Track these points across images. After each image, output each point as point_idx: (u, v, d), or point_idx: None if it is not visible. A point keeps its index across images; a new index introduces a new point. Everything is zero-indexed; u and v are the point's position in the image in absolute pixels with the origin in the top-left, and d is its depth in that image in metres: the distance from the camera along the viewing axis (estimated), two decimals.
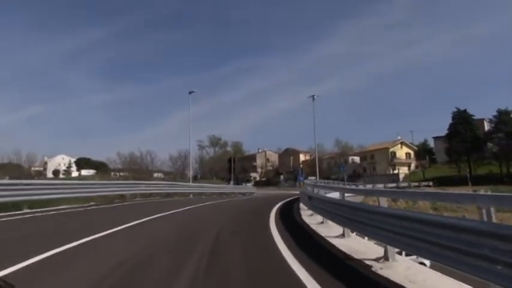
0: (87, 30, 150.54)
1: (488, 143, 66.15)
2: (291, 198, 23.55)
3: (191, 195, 32.03)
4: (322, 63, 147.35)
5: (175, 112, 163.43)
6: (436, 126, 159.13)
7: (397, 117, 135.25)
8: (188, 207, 16.46)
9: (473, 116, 67.64)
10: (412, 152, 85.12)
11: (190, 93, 36.29)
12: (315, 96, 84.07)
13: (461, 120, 67.15)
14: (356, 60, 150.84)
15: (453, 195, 5.39)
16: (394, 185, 54.53)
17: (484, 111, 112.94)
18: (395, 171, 78.20)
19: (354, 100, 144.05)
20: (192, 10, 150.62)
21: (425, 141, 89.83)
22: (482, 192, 4.01)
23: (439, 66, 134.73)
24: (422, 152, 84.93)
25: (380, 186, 43.46)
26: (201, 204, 18.93)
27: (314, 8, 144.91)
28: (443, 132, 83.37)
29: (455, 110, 69.44)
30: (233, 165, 41.84)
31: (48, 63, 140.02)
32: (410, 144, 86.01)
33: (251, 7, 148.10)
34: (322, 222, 10.85)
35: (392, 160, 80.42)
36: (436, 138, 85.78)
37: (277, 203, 19.93)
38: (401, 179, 77.15)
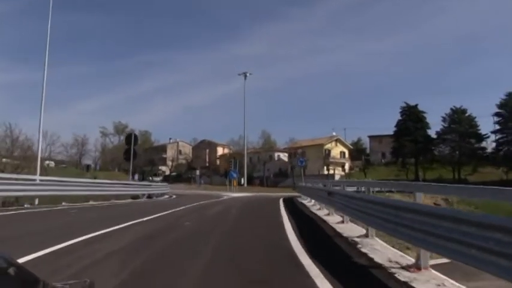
0: None
1: (441, 145, 56.82)
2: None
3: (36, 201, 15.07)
4: (238, 62, 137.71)
5: (83, 99, 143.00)
6: (369, 125, 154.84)
7: (326, 116, 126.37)
8: None
9: (424, 112, 58.01)
10: (346, 151, 74.30)
11: None
12: (248, 74, 69.99)
13: (412, 117, 57.06)
14: (272, 61, 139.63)
15: None
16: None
17: None
18: (331, 171, 66.45)
19: (272, 100, 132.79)
20: None
21: (359, 140, 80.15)
22: None
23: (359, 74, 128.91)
24: (356, 152, 74.84)
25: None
26: None
27: (233, 7, 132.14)
28: (377, 131, 74.82)
29: (404, 105, 59.33)
30: (133, 147, 24.24)
31: None
32: (345, 142, 75.12)
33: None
34: None
35: (327, 158, 68.59)
36: (371, 138, 76.29)
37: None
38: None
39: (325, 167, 68.26)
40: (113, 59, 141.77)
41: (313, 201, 18.60)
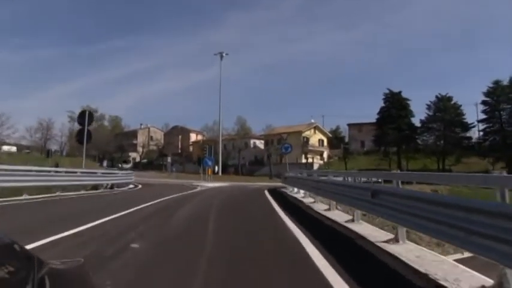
0: None
1: (425, 134, 54.01)
2: None
3: None
4: (212, 49, 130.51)
5: (50, 84, 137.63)
6: (348, 113, 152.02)
7: (303, 103, 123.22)
8: None
9: (408, 99, 55.00)
10: (325, 139, 71.00)
11: None
12: (224, 54, 65.09)
13: (396, 104, 53.95)
14: (245, 49, 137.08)
15: None
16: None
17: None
18: (310, 160, 62.97)
19: (248, 88, 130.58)
20: None
21: (338, 128, 76.96)
22: None
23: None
24: (335, 140, 71.69)
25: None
26: None
27: None
28: (355, 120, 71.85)
29: (387, 91, 56.11)
30: (87, 127, 19.13)
31: None
32: (324, 130, 71.73)
33: None
34: None
35: (306, 146, 64.95)
36: (351, 126, 73.15)
37: None
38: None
39: (303, 155, 64.77)
40: (87, 44, 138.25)
41: (308, 195, 14.67)
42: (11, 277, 0.93)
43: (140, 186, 26.78)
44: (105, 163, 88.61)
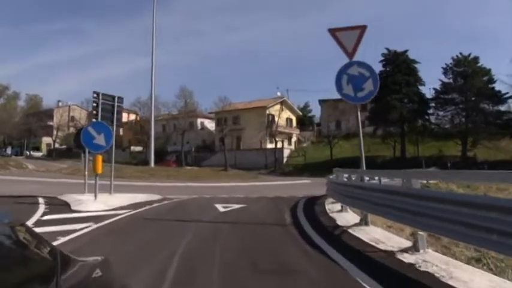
0: None
1: (440, 109, 38.06)
2: None
3: None
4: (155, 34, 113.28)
5: None
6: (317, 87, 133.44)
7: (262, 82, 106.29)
8: None
9: (416, 62, 38.69)
10: (294, 118, 53.38)
11: None
12: None
13: (402, 67, 37.43)
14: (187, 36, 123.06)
15: None
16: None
17: None
18: (279, 145, 45.15)
19: (192, 75, 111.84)
20: None
21: (307, 105, 59.76)
22: None
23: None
24: (306, 119, 54.64)
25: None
26: None
27: None
28: (327, 95, 55.12)
29: (386, 51, 39.42)
30: None
31: None
32: (293, 106, 53.89)
33: None
34: None
35: (272, 126, 46.87)
36: (323, 102, 56.00)
37: None
38: (285, 159, 44.85)
39: (268, 139, 46.98)
40: (18, 25, 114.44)
41: None
42: (37, 270, 0.92)
43: None
44: (9, 150, 66.12)
